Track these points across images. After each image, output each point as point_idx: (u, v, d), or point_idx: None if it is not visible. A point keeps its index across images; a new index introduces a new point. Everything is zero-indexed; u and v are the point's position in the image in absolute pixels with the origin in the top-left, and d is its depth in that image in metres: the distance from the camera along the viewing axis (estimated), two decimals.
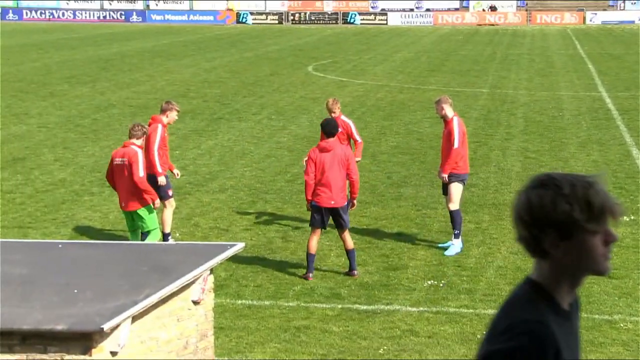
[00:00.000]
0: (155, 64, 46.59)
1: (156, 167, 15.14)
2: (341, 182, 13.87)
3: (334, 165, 13.80)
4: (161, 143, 15.33)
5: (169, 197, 15.53)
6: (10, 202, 18.61)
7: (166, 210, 15.56)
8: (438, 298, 13.23)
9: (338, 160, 13.82)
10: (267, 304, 13.04)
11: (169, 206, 15.56)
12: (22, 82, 38.40)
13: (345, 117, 16.77)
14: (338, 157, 13.84)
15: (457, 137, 15.19)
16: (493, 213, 17.91)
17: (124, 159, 13.95)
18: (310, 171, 13.88)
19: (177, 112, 15.72)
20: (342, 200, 13.90)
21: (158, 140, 15.23)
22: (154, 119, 15.60)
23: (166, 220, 15.57)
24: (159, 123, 15.41)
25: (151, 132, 15.23)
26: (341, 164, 13.84)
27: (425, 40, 64.96)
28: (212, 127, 27.61)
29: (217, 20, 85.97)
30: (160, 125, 15.41)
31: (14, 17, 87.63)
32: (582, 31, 73.81)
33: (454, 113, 15.46)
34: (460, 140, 15.22)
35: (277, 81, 39.25)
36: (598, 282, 13.88)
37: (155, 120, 15.52)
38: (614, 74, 42.10)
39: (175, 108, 15.62)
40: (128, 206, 14.04)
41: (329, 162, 13.80)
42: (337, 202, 13.86)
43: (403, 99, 33.70)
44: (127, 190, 13.97)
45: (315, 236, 14.04)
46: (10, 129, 27.12)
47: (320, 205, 13.87)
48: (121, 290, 8.67)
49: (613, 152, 23.89)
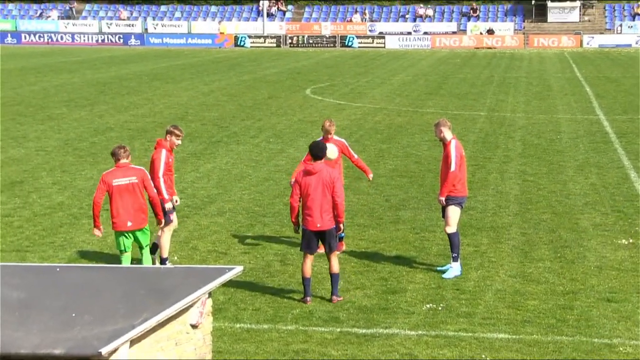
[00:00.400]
0: (153, 87, 46.67)
1: (162, 193, 15.17)
2: (327, 205, 13.84)
3: (318, 188, 13.79)
4: (166, 168, 15.34)
5: (171, 221, 15.54)
6: (9, 226, 18.58)
7: (164, 234, 15.53)
8: (437, 321, 13.20)
9: (323, 182, 13.82)
10: (266, 327, 13.01)
11: (167, 231, 15.54)
12: (20, 105, 38.44)
13: (337, 137, 16.86)
14: (323, 179, 13.83)
15: (455, 161, 15.21)
16: (491, 236, 17.90)
17: (132, 178, 14.02)
18: (295, 194, 13.93)
19: (178, 137, 15.59)
20: (328, 223, 13.88)
21: (162, 166, 15.27)
22: (158, 144, 15.57)
23: (164, 245, 15.54)
24: (163, 148, 15.42)
25: (155, 159, 15.29)
26: (326, 186, 13.82)
27: (423, 63, 65.12)
28: (210, 150, 27.62)
29: (215, 43, 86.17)
30: (164, 150, 15.40)
31: (12, 40, 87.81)
32: (579, 54, 74.02)
33: (452, 136, 15.47)
34: (457, 163, 15.22)
35: (275, 104, 39.31)
36: (597, 305, 13.87)
37: (159, 145, 15.50)
38: (611, 97, 42.18)
39: (175, 133, 15.54)
40: (135, 225, 14.07)
41: (314, 185, 13.80)
42: (323, 225, 13.85)
43: (401, 122, 33.74)
44: (136, 208, 14.04)
45: (308, 260, 14.01)
46: (9, 152, 27.12)
47: (308, 228, 13.90)
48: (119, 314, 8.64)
49: (611, 175, 23.91)
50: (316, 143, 14.35)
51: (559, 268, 15.81)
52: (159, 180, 15.18)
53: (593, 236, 17.93)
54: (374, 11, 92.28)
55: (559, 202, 20.81)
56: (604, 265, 16.01)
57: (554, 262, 16.18)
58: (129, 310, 8.75)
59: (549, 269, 15.73)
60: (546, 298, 14.20)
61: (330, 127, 16.55)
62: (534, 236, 17.91)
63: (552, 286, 14.80)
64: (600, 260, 16.28)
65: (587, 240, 17.60)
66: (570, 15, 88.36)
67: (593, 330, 12.85)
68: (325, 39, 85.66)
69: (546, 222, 18.99)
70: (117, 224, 14.08)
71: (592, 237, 17.88)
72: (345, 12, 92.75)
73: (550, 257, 16.45)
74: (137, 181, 14.07)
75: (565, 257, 16.49)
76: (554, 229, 18.48)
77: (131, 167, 14.22)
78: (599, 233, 18.17)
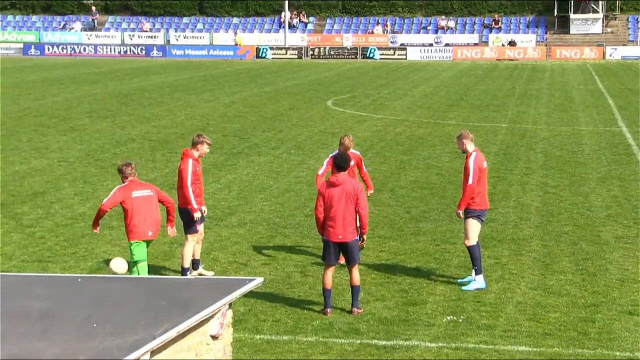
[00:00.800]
0: (175, 98, 46.83)
1: (191, 203, 15.30)
2: (349, 216, 13.86)
3: (341, 199, 13.82)
4: (193, 178, 15.41)
5: (197, 231, 15.60)
6: (31, 236, 18.68)
7: (188, 244, 15.61)
8: (457, 334, 13.17)
9: (347, 194, 13.84)
10: (286, 339, 13.01)
11: (192, 240, 15.60)
12: (43, 116, 38.66)
13: (353, 150, 16.90)
14: (347, 191, 13.85)
15: (472, 174, 15.20)
16: (512, 248, 17.85)
17: (148, 191, 14.18)
18: (319, 205, 13.97)
19: (209, 145, 15.77)
20: (351, 235, 13.89)
21: (190, 175, 15.34)
22: (185, 154, 15.66)
23: (187, 255, 15.61)
24: (190, 158, 15.49)
25: (183, 168, 15.40)
26: (349, 198, 13.85)
27: (445, 75, 65.08)
28: (231, 162, 27.69)
29: (236, 54, 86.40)
30: (191, 159, 15.48)
31: (36, 52, 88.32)
32: (601, 66, 73.78)
33: (474, 148, 15.46)
34: (475, 176, 15.21)
35: (296, 116, 39.36)
36: (619, 318, 13.80)
37: (186, 155, 15.59)
38: (634, 108, 42.01)
39: (206, 141, 15.70)
40: (155, 234, 14.21)
41: (337, 197, 13.83)
42: (344, 237, 13.86)
43: (422, 134, 33.72)
44: (156, 219, 14.18)
45: (329, 271, 14.03)
46: (32, 163, 27.28)
47: (329, 239, 13.92)
48: (140, 325, 8.67)
49: (633, 188, 23.80)
50: (339, 154, 14.42)
51: (581, 280, 15.74)
52: (187, 190, 15.32)
53: (615, 249, 17.85)
54: (395, 23, 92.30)
55: (581, 215, 20.74)
56: (626, 278, 15.93)
57: (576, 274, 16.12)
58: (149, 320, 8.78)
59: (570, 282, 15.66)
60: (567, 311, 14.15)
61: (350, 144, 16.59)
62: (556, 248, 17.85)
63: (573, 299, 14.74)
64: (622, 273, 16.20)
65: (609, 253, 17.53)
66: (592, 27, 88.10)
67: (615, 344, 12.78)
68: (346, 51, 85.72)
69: (568, 235, 18.92)
70: (139, 233, 14.10)
71: (614, 249, 17.80)
72: (367, 24, 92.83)
73: (572, 270, 16.39)
74: (153, 194, 14.22)
75: (587, 269, 16.42)
76: (576, 241, 18.41)
77: (147, 184, 14.50)
78: (621, 245, 18.09)
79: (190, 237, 15.57)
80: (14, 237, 18.54)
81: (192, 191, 15.36)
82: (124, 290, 9.94)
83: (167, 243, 18.07)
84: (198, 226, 15.61)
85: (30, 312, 9.07)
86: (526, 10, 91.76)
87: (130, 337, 8.35)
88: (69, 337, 8.51)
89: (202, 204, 15.77)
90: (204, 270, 15.97)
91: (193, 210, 15.36)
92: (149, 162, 27.33)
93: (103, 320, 8.86)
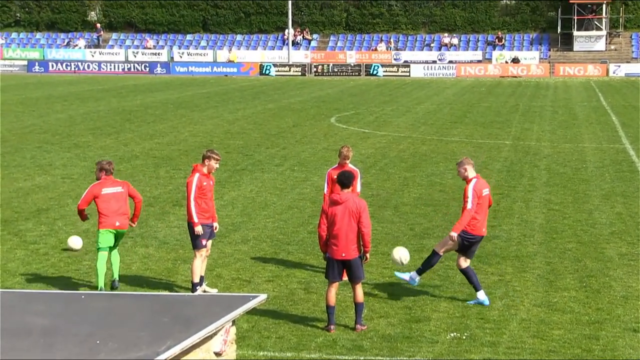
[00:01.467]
0: (178, 115, 46.89)
1: (192, 217, 15.42)
2: (352, 234, 13.85)
3: (344, 217, 13.81)
4: (198, 192, 15.48)
5: (202, 246, 15.62)
6: (34, 253, 18.68)
7: (196, 259, 15.62)
8: (461, 350, 13.14)
9: (349, 212, 13.83)
10: (289, 355, 12.99)
11: (199, 256, 15.61)
12: (46, 133, 38.72)
13: (352, 165, 16.94)
14: (350, 209, 13.84)
15: (471, 199, 15.31)
16: (516, 265, 17.83)
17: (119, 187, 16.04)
18: (322, 223, 13.99)
19: (217, 161, 15.85)
20: (353, 253, 13.88)
21: (194, 189, 15.48)
22: (194, 168, 15.86)
23: (195, 270, 15.63)
24: (197, 172, 15.66)
25: (189, 182, 15.62)
26: (352, 216, 13.84)
27: (448, 92, 65.15)
28: (234, 178, 27.70)
29: (240, 72, 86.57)
30: (198, 174, 15.62)
31: (40, 69, 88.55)
32: (605, 83, 73.83)
33: (475, 174, 15.55)
34: (474, 202, 15.29)
35: (300, 132, 39.40)
36: (623, 336, 13.77)
37: (195, 170, 15.79)
38: (637, 126, 42.01)
39: (214, 156, 15.79)
40: (123, 226, 16.03)
41: (340, 214, 13.82)
42: (347, 255, 13.85)
43: (425, 151, 33.73)
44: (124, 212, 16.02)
45: (332, 288, 14.03)
46: (35, 179, 27.30)
47: (333, 257, 13.92)
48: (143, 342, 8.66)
49: (637, 205, 23.78)
50: (343, 172, 14.39)
51: (585, 297, 15.71)
52: (190, 203, 15.48)
53: (619, 266, 17.82)
54: (399, 40, 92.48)
55: (585, 232, 20.71)
56: (630, 295, 15.90)
57: (580, 291, 16.09)
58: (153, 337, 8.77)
59: (574, 299, 15.64)
60: (571, 328, 14.12)
61: (348, 153, 16.70)
62: (559, 265, 17.83)
63: (577, 316, 14.71)
64: (627, 290, 16.17)
65: (613, 270, 17.50)
66: (596, 44, 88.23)
67: None
68: (350, 68, 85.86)
69: (571, 252, 18.90)
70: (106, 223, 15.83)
71: (618, 266, 17.78)
72: (370, 41, 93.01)
73: (576, 287, 16.36)
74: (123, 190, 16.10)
75: (591, 286, 16.39)
76: (580, 258, 18.38)
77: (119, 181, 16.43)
78: (625, 262, 18.06)
79: (197, 252, 15.60)
80: (17, 254, 18.55)
81: (194, 205, 15.43)
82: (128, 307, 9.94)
83: (170, 260, 18.08)
84: (203, 241, 15.61)
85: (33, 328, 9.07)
86: (530, 28, 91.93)
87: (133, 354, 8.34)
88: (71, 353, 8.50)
89: (215, 219, 15.90)
90: (207, 287, 15.96)
91: (194, 225, 15.41)
92: (153, 178, 27.35)
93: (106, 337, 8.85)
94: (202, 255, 15.69)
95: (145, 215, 21.76)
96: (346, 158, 16.65)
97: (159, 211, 22.70)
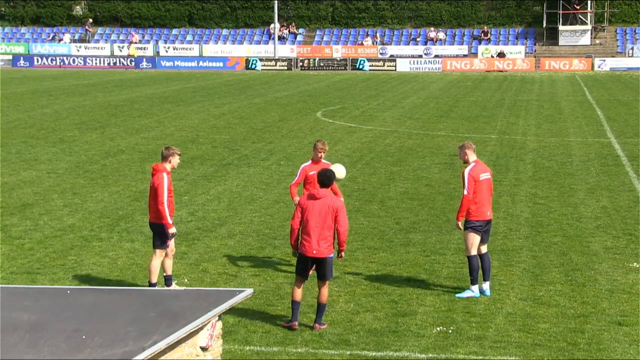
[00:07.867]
0: (164, 109, 46.80)
1: (166, 219, 15.04)
2: (327, 232, 13.62)
3: (320, 214, 13.60)
4: (168, 193, 15.14)
5: (167, 246, 15.29)
6: (19, 248, 18.63)
7: (156, 258, 15.26)
8: (447, 344, 13.17)
9: (326, 210, 13.62)
10: (276, 350, 12.99)
11: (160, 256, 15.27)
12: (32, 128, 38.59)
13: (325, 161, 16.93)
14: (327, 206, 13.64)
15: (467, 184, 15.38)
16: (502, 259, 17.87)
17: None
18: (297, 216, 13.79)
19: (179, 156, 15.41)
20: (326, 251, 13.65)
21: (166, 191, 15.06)
22: (156, 169, 15.26)
23: (153, 270, 15.21)
24: (163, 172, 15.17)
25: (158, 185, 15.04)
26: (328, 214, 13.63)
27: (434, 86, 65.21)
28: (220, 173, 27.67)
29: (226, 66, 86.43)
30: (165, 174, 15.14)
31: (25, 64, 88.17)
32: (590, 77, 74.03)
33: (475, 159, 15.64)
34: (470, 187, 15.34)
35: (286, 127, 39.38)
36: (608, 329, 13.82)
37: (158, 170, 15.21)
38: (622, 120, 42.15)
39: (176, 152, 15.33)
40: None
41: (316, 211, 13.62)
42: (319, 253, 13.63)
43: (412, 145, 33.76)
44: None
45: (299, 284, 13.87)
46: (20, 174, 27.22)
47: (304, 254, 13.73)
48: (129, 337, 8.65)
49: (622, 199, 23.86)
50: (324, 172, 14.16)
51: (570, 291, 15.77)
52: (163, 206, 15.00)
53: (604, 259, 17.89)
54: (385, 34, 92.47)
55: (570, 225, 20.78)
56: (615, 288, 15.96)
57: (565, 285, 16.14)
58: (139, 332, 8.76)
59: (559, 292, 15.69)
60: (557, 321, 14.16)
61: (324, 147, 16.69)
62: (545, 259, 17.88)
63: (563, 309, 14.76)
64: (612, 284, 16.23)
65: (598, 264, 17.56)
66: (581, 38, 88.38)
67: (604, 354, 12.80)
68: (336, 62, 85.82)
69: (557, 245, 18.95)
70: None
71: (603, 260, 17.84)
72: (357, 35, 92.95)
73: (561, 280, 16.41)
74: None
75: (576, 280, 16.45)
76: (565, 252, 18.44)
77: None
78: (610, 256, 18.12)
79: (159, 251, 15.23)
80: (2, 249, 18.49)
81: (167, 206, 15.07)
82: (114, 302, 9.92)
83: None
84: (169, 242, 15.35)
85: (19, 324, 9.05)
86: (515, 22, 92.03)
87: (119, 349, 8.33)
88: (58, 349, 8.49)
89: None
90: (177, 287, 15.40)
91: (168, 226, 15.05)
92: (139, 173, 27.28)
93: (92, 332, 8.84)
94: (163, 254, 15.31)
95: (131, 210, 21.72)
96: (321, 151, 16.62)
97: (144, 206, 22.65)
